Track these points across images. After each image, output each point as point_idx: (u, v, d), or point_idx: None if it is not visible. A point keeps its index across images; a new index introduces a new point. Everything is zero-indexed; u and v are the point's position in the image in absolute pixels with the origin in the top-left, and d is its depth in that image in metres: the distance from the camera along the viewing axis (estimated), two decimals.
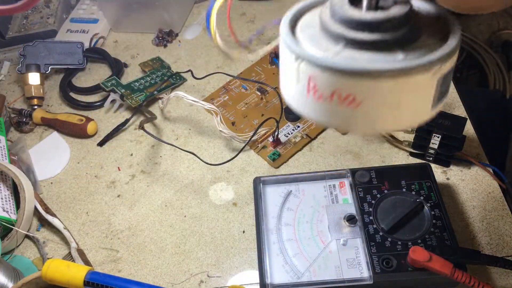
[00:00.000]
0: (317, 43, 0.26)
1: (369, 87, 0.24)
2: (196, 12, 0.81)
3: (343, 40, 0.25)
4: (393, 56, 0.25)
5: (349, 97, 0.25)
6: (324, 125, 0.28)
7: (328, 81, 0.25)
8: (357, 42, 0.25)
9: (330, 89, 0.25)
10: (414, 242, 0.44)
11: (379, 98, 0.25)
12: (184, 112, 0.66)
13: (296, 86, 0.27)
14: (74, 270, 0.42)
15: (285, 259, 0.45)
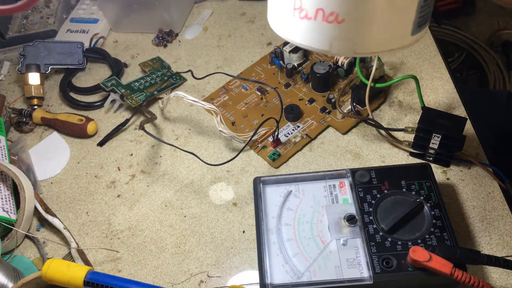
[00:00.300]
0: None
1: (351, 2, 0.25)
2: (196, 12, 0.81)
3: None
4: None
5: (332, 15, 0.26)
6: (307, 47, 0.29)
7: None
8: None
9: (315, 7, 0.26)
10: (414, 242, 0.44)
11: (361, 13, 0.25)
12: (184, 112, 0.66)
13: (281, 7, 0.28)
14: (74, 270, 0.42)
15: (285, 259, 0.45)
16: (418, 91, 0.55)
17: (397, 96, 0.62)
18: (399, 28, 0.27)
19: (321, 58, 0.68)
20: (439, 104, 0.60)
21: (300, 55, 0.66)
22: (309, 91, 0.64)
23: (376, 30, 0.26)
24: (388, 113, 0.60)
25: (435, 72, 0.64)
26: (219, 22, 0.79)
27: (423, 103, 0.55)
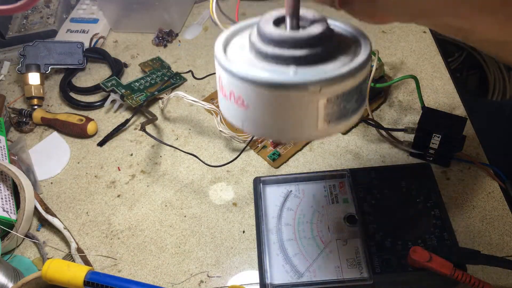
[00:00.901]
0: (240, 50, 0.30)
1: (250, 92, 0.27)
2: (196, 12, 0.81)
3: (254, 50, 0.29)
4: (285, 70, 0.27)
5: (240, 99, 0.28)
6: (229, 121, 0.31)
7: (226, 81, 0.28)
8: (261, 53, 0.28)
9: (229, 89, 0.28)
10: (414, 242, 0.44)
11: (259, 104, 0.27)
12: (184, 112, 0.66)
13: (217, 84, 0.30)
14: (74, 270, 0.42)
15: (285, 259, 0.45)
16: (418, 91, 0.55)
17: (397, 96, 0.62)
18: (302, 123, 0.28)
19: None
20: (439, 104, 0.60)
21: None
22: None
23: (276, 122, 0.28)
24: (388, 113, 0.60)
25: (435, 72, 0.64)
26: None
27: (423, 103, 0.55)
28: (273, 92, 0.26)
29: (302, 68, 0.27)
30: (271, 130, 0.29)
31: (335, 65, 0.28)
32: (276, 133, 0.29)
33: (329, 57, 0.28)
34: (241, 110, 0.28)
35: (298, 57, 0.27)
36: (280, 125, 0.28)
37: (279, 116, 0.27)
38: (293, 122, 0.28)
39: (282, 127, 0.28)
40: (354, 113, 0.29)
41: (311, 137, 0.29)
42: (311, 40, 0.28)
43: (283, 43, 0.28)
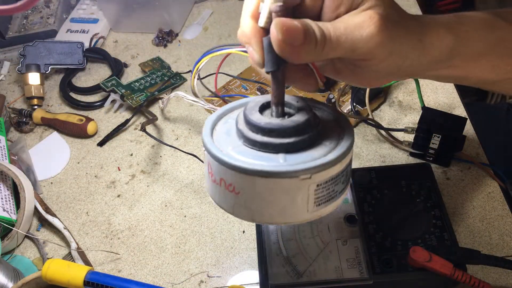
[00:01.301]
0: (227, 139, 0.31)
1: (242, 181, 0.28)
2: (196, 12, 0.81)
3: (242, 138, 0.30)
4: (274, 160, 0.28)
5: (231, 186, 0.29)
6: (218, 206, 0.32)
7: (216, 169, 0.29)
8: (250, 141, 0.30)
9: (219, 176, 0.29)
10: (414, 242, 0.44)
11: (250, 191, 0.28)
12: (184, 112, 0.66)
13: (205, 169, 0.32)
14: (74, 270, 0.42)
15: (285, 259, 0.45)
16: (418, 91, 0.55)
17: (397, 96, 0.62)
18: (293, 208, 0.29)
19: None
20: (439, 104, 0.60)
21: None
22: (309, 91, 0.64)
23: (267, 207, 0.29)
24: (388, 113, 0.60)
25: None
26: (219, 22, 0.79)
27: (423, 103, 0.55)
28: (265, 180, 0.28)
29: (291, 155, 0.29)
30: (262, 216, 0.30)
31: (322, 150, 0.29)
32: (268, 218, 0.30)
33: (316, 143, 0.30)
34: (232, 196, 0.29)
35: (286, 145, 0.29)
36: (271, 211, 0.29)
37: (270, 202, 0.29)
38: (283, 208, 0.29)
39: (273, 213, 0.29)
40: (341, 193, 0.31)
41: (302, 221, 0.30)
42: (298, 128, 0.29)
43: (271, 132, 0.29)
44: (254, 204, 0.29)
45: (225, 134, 0.32)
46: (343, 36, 0.28)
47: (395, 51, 0.29)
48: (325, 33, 0.27)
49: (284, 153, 0.29)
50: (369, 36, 0.28)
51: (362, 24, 0.28)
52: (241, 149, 0.30)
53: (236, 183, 0.28)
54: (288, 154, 0.29)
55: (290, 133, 0.29)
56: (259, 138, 0.29)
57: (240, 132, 0.30)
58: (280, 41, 0.26)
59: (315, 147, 0.30)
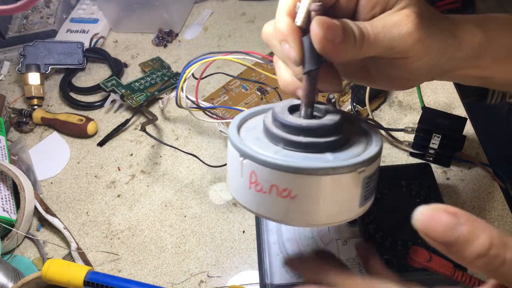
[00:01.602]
0: (260, 144, 0.30)
1: (303, 182, 0.28)
2: (196, 12, 0.81)
3: (281, 142, 0.29)
4: (323, 158, 0.29)
5: (286, 191, 0.28)
6: (262, 216, 0.31)
7: (268, 176, 0.28)
8: (293, 144, 0.29)
9: (269, 183, 0.28)
10: (414, 242, 0.44)
11: (311, 192, 0.28)
12: (184, 112, 0.66)
13: (240, 180, 0.30)
14: (74, 270, 0.42)
15: (285, 259, 0.45)
16: (418, 91, 0.55)
17: (397, 96, 0.62)
18: (348, 204, 0.29)
19: None
20: (439, 104, 0.60)
21: None
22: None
23: (326, 207, 0.29)
24: (388, 113, 0.60)
25: None
26: (219, 22, 0.79)
27: (423, 103, 0.55)
28: (327, 178, 0.27)
29: (337, 153, 0.29)
30: (319, 217, 0.29)
31: (359, 147, 0.30)
32: (325, 219, 0.29)
33: (351, 141, 0.31)
34: (285, 202, 0.28)
35: (331, 143, 0.29)
36: (330, 210, 0.29)
37: (329, 201, 0.28)
38: (341, 205, 0.29)
39: (331, 212, 0.29)
40: (374, 192, 0.31)
41: (353, 217, 0.30)
42: (337, 126, 0.30)
43: (314, 132, 0.29)
44: (312, 206, 0.28)
45: (256, 140, 0.31)
46: (381, 34, 0.28)
47: (433, 48, 0.30)
48: (363, 31, 0.28)
49: (330, 151, 0.29)
50: (407, 33, 0.28)
51: (400, 22, 0.28)
52: (284, 153, 0.29)
53: (294, 186, 0.28)
54: (333, 152, 0.29)
55: (331, 131, 0.29)
56: (303, 139, 0.29)
57: (277, 136, 0.30)
58: (321, 38, 0.27)
59: (352, 145, 0.31)
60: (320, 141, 0.29)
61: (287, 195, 0.28)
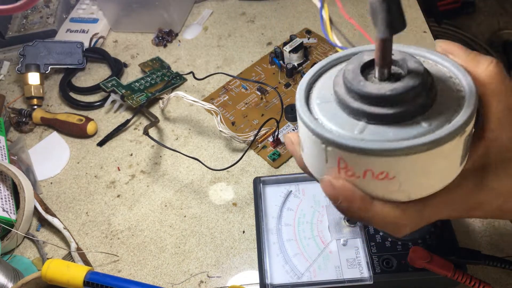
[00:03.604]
0: (338, 120, 0.26)
1: (402, 162, 0.24)
2: (196, 12, 0.81)
3: (364, 117, 0.25)
4: (418, 127, 0.25)
5: (383, 173, 0.25)
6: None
7: (360, 162, 0.25)
8: (379, 117, 0.25)
9: (363, 169, 0.25)
10: (414, 242, 0.44)
11: (413, 170, 0.25)
12: (184, 112, 0.66)
13: (325, 165, 0.27)
14: (73, 270, 0.42)
15: (285, 259, 0.45)
16: None
17: None
18: (450, 169, 0.27)
19: (321, 58, 0.68)
20: None
21: (300, 55, 0.66)
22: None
23: (429, 178, 0.26)
24: None
25: None
26: (219, 22, 0.79)
27: None
28: (428, 152, 0.24)
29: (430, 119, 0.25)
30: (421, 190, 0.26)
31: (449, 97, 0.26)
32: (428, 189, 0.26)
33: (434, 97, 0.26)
34: (382, 184, 0.26)
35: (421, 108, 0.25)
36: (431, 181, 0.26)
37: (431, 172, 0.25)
38: (443, 172, 0.26)
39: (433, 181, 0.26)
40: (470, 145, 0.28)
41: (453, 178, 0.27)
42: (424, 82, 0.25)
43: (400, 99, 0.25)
44: (412, 183, 0.26)
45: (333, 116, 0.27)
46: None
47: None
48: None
49: (422, 115, 0.25)
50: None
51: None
52: (371, 130, 0.25)
53: (392, 168, 0.25)
54: (425, 115, 0.25)
55: (420, 91, 0.25)
56: (390, 110, 0.25)
57: (357, 111, 0.25)
58: None
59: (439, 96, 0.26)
60: (409, 108, 0.25)
61: (384, 177, 0.25)
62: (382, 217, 0.27)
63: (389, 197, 0.27)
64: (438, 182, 0.27)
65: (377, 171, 0.25)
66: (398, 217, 0.27)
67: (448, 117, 0.25)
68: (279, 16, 0.77)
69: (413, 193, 0.26)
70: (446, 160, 0.25)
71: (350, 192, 0.26)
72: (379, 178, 0.25)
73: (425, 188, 0.27)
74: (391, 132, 0.25)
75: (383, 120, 0.25)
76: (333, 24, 0.37)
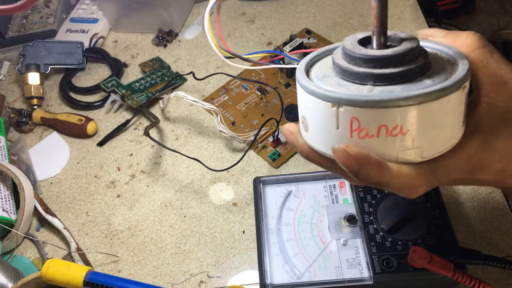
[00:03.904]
0: (343, 88, 0.27)
1: (414, 112, 0.25)
2: (196, 12, 0.81)
3: (371, 79, 0.26)
4: (422, 83, 0.26)
5: (396, 128, 0.25)
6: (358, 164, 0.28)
7: (375, 117, 0.25)
8: (386, 77, 0.26)
9: (377, 125, 0.26)
10: (415, 242, 0.44)
11: (425, 122, 0.26)
12: (184, 112, 0.66)
13: (336, 132, 0.27)
14: (73, 270, 0.42)
15: (285, 259, 0.45)
16: None
17: None
18: (455, 126, 0.28)
19: None
20: None
21: (300, 55, 0.66)
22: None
23: (440, 133, 0.27)
24: None
25: None
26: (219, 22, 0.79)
27: None
28: (439, 101, 0.25)
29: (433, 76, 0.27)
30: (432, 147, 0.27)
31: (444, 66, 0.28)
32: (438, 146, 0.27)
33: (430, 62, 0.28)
34: (395, 140, 0.26)
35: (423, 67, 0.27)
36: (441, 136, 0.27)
37: (440, 126, 0.26)
38: (451, 128, 0.27)
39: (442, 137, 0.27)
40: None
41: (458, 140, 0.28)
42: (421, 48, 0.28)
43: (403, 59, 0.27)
44: (424, 137, 0.26)
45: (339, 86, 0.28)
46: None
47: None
48: None
49: (425, 77, 0.27)
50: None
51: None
52: (380, 89, 0.26)
53: (405, 120, 0.25)
54: (428, 77, 0.27)
55: (418, 54, 0.27)
56: (395, 69, 0.26)
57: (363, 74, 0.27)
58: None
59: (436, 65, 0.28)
60: (413, 67, 0.26)
61: (398, 132, 0.26)
62: (398, 179, 0.27)
63: (403, 158, 0.27)
64: (447, 139, 0.27)
65: (391, 126, 0.25)
66: (414, 177, 0.27)
67: (447, 76, 0.27)
68: (279, 16, 0.77)
69: (425, 150, 0.27)
70: (453, 113, 0.26)
71: (365, 157, 0.26)
72: (393, 134, 0.26)
73: (436, 145, 0.27)
74: (399, 88, 0.26)
75: (389, 80, 0.26)
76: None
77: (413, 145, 0.26)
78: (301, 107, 0.30)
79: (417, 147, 0.27)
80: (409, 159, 0.27)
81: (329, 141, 0.28)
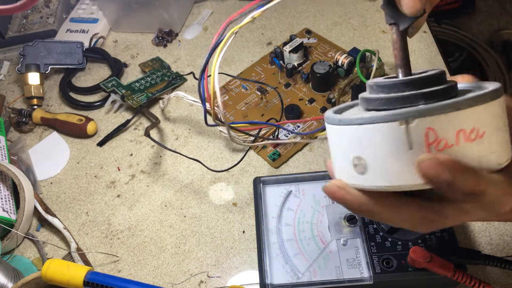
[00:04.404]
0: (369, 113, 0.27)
1: (486, 111, 0.25)
2: (196, 12, 0.81)
3: (422, 98, 0.26)
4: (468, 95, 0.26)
5: (473, 131, 0.25)
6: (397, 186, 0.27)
7: (453, 121, 0.24)
8: (437, 94, 0.26)
9: (456, 129, 0.25)
10: (414, 242, 0.44)
11: (494, 120, 0.26)
12: (184, 112, 0.66)
13: (410, 153, 0.25)
14: (73, 270, 0.42)
15: (285, 259, 0.45)
16: None
17: None
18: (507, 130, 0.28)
19: (321, 58, 0.68)
20: None
21: (300, 55, 0.66)
22: (309, 91, 0.64)
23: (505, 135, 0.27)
24: None
25: None
26: (219, 22, 0.79)
27: None
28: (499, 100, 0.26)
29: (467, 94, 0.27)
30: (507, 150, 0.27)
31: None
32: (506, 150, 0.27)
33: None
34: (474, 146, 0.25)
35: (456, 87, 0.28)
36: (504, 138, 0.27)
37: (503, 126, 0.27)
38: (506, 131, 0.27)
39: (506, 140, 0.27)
40: None
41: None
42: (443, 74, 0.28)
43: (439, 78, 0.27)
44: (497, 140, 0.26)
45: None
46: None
47: None
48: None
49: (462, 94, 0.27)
50: None
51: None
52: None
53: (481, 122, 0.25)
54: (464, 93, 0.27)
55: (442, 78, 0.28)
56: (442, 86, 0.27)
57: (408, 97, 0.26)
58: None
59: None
60: (454, 84, 0.27)
61: (475, 137, 0.25)
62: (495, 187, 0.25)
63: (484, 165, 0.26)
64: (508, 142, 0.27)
65: (468, 129, 0.25)
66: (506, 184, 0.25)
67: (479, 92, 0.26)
68: (279, 16, 0.77)
69: (501, 155, 0.26)
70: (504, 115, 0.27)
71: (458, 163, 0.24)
72: (471, 139, 0.25)
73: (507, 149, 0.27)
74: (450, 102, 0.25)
75: (439, 95, 0.26)
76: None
77: (490, 150, 0.26)
78: (351, 149, 0.28)
79: (494, 151, 0.26)
80: (490, 166, 0.26)
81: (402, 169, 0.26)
